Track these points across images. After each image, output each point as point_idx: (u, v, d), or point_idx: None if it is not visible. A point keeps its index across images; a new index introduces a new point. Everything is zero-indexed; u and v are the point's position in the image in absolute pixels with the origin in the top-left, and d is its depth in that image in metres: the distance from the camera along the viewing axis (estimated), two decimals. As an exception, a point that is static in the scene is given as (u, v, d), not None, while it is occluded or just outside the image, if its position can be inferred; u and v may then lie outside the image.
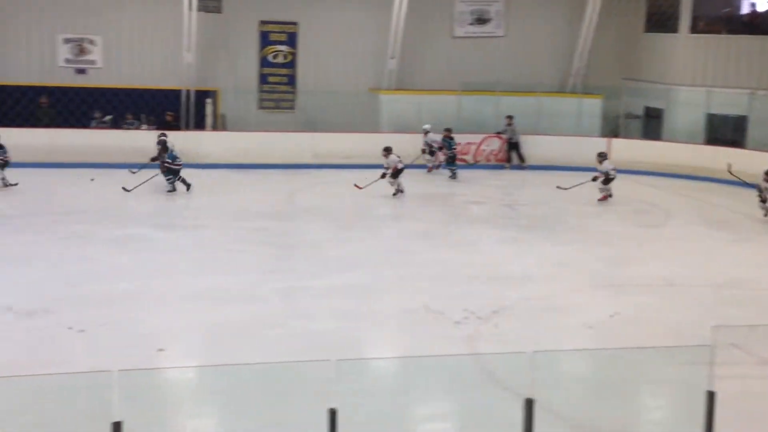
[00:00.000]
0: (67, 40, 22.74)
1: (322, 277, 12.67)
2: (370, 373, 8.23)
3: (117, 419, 5.85)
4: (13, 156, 18.35)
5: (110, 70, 23.08)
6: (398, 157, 18.59)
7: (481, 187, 20.71)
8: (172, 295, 11.58)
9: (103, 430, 6.01)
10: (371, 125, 23.53)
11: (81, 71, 22.93)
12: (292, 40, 24.20)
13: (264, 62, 24.13)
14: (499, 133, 23.26)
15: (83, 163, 20.51)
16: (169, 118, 22.71)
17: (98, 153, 21.10)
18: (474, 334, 10.54)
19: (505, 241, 15.48)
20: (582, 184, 18.92)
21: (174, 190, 18.50)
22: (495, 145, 23.37)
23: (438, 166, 22.04)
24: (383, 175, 18.52)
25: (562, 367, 8.88)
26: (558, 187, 19.33)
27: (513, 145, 23.17)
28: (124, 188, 18.16)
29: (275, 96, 24.28)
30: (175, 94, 23.08)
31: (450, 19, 25.16)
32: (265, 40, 24.07)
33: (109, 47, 23.02)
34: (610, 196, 18.80)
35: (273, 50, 24.13)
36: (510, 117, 23.16)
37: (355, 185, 18.41)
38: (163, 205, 17.36)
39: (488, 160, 23.37)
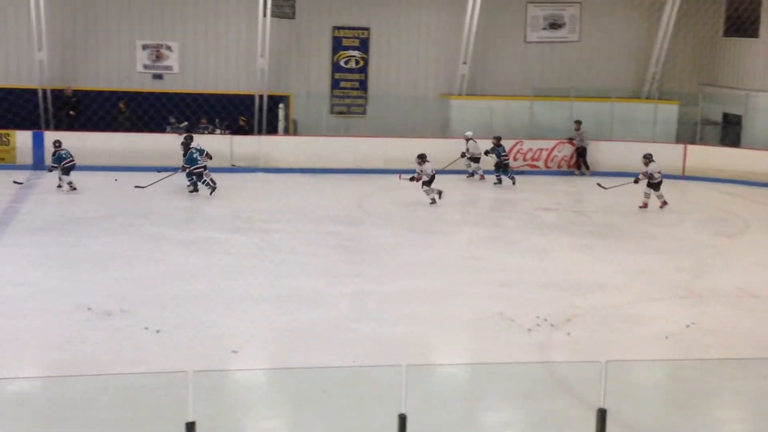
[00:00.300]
0: (145, 47, 23.23)
1: (392, 282, 12.67)
2: (440, 379, 8.18)
3: (191, 419, 5.92)
4: (92, 159, 18.81)
5: (186, 75, 23.49)
6: (432, 167, 18.39)
7: (552, 193, 20.49)
8: (244, 297, 11.71)
9: (177, 429, 6.09)
10: (442, 130, 23.50)
11: (158, 77, 23.40)
12: (364, 46, 24.32)
13: (336, 67, 24.29)
14: (570, 139, 23.00)
15: (159, 166, 20.87)
16: (241, 122, 23.02)
17: (173, 157, 21.46)
18: (546, 342, 10.42)
19: (578, 248, 15.28)
20: (623, 185, 18.60)
21: (194, 190, 18.63)
22: (567, 151, 23.11)
23: (473, 174, 21.68)
24: (411, 179, 18.35)
25: (635, 377, 8.70)
26: (598, 184, 19.10)
27: (581, 152, 22.87)
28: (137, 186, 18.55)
29: (347, 101, 24.42)
30: (248, 99, 23.37)
31: (523, 24, 24.97)
32: (337, 45, 24.23)
33: (185, 53, 23.43)
34: (666, 203, 18.31)
35: (345, 55, 24.28)
36: (578, 122, 22.89)
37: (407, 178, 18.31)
38: (236, 209, 17.57)
39: (560, 167, 23.13)
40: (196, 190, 18.67)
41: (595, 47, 25.06)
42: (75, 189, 18.45)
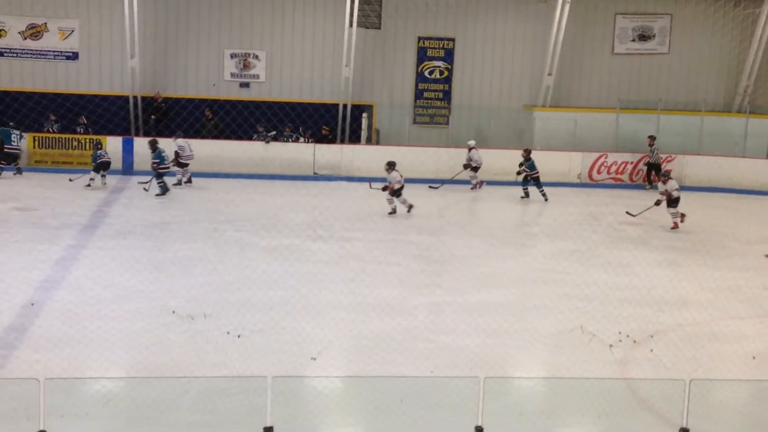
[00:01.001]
0: (233, 55, 23.69)
1: (471, 293, 12.60)
2: (517, 392, 8.11)
3: (269, 424, 6.00)
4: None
5: (272, 84, 23.88)
6: (400, 174, 18.26)
7: (637, 207, 20.09)
8: (323, 305, 11.78)
9: (256, 434, 6.18)
10: (525, 142, 23.33)
11: (245, 85, 23.82)
12: (449, 56, 24.32)
13: (420, 77, 24.36)
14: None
15: (244, 174, 21.30)
16: (324, 131, 23.27)
17: (258, 164, 21.87)
18: (628, 358, 10.22)
19: (662, 263, 14.96)
20: (649, 209, 18.01)
21: (162, 192, 19.05)
22: (653, 164, 22.67)
23: (479, 185, 21.41)
24: (384, 188, 18.27)
25: (720, 397, 8.46)
26: (627, 212, 18.50)
27: (653, 167, 22.33)
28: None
29: (430, 111, 24.46)
30: (332, 108, 23.63)
31: (611, 36, 24.65)
32: (422, 55, 24.30)
33: (272, 62, 23.81)
34: (684, 216, 17.75)
35: (429, 65, 24.32)
36: (652, 138, 22.39)
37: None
38: (317, 217, 17.73)
39: (644, 180, 22.69)
40: (163, 191, 19.09)
41: (685, 59, 24.57)
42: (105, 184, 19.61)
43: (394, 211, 18.23)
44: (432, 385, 7.91)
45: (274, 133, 22.81)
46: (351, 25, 22.74)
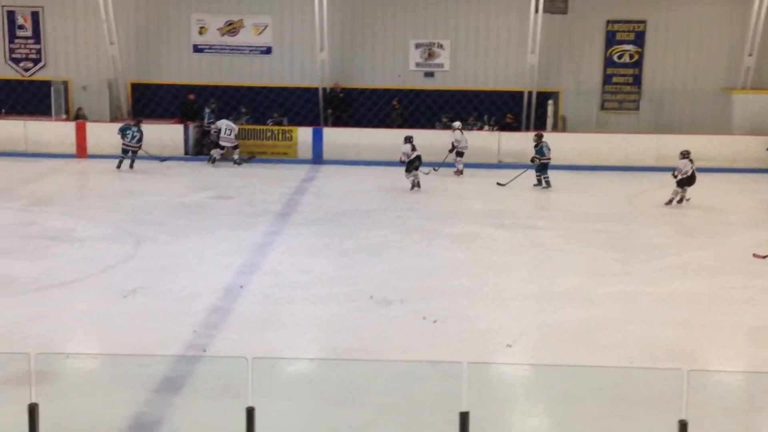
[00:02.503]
0: (418, 45, 23.94)
1: (663, 283, 12.19)
2: (719, 386, 7.77)
3: (464, 409, 6.05)
4: (367, 155, 19.66)
5: (456, 72, 23.94)
6: (411, 150, 18.57)
7: None
8: (509, 293, 11.74)
9: (449, 418, 6.24)
10: (722, 127, 22.27)
11: (429, 74, 24.02)
12: (639, 39, 23.55)
13: (609, 62, 23.73)
14: None
15: (429, 162, 21.46)
16: (509, 119, 23.11)
17: (442, 153, 21.97)
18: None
19: None
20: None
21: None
22: None
23: (461, 170, 20.78)
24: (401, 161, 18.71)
25: None
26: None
27: None
28: None
29: (618, 96, 23.78)
30: (516, 95, 23.43)
31: (817, 11, 23.08)
32: (611, 39, 23.66)
33: (457, 51, 23.87)
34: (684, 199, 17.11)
35: (619, 50, 23.64)
36: None
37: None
38: (501, 205, 17.67)
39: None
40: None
41: None
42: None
43: (413, 187, 18.71)
44: (629, 377, 7.71)
45: (459, 123, 22.77)
46: (537, 11, 22.44)
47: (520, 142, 22.10)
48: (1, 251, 13.40)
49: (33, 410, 6.11)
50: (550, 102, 23.04)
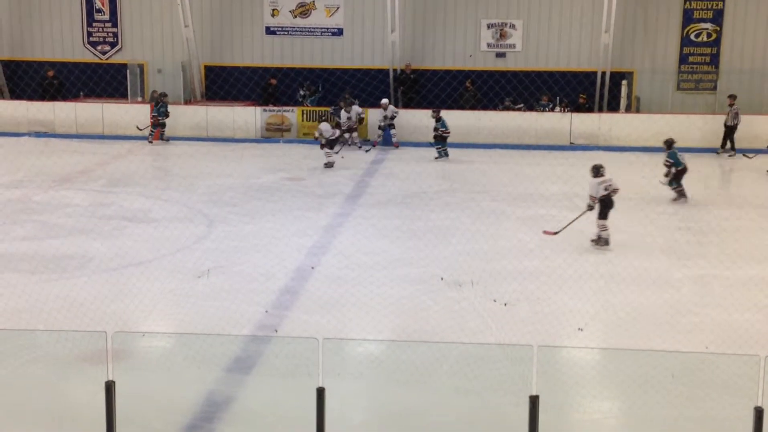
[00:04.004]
0: (490, 26, 23.70)
1: (740, 267, 11.92)
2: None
3: (534, 393, 6.01)
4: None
5: (528, 53, 23.64)
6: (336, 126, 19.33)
7: None
8: (582, 276, 11.59)
9: (520, 402, 6.21)
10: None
11: (501, 55, 23.77)
12: (718, 17, 22.91)
13: (685, 41, 23.15)
14: None
15: (500, 144, 21.36)
16: (581, 100, 22.76)
17: (514, 134, 21.82)
18: None
19: None
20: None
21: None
22: None
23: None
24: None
25: None
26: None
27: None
28: None
29: (695, 76, 23.21)
30: (589, 76, 23.05)
31: None
32: (688, 18, 23.06)
33: (529, 31, 23.57)
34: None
35: (696, 28, 23.04)
36: (732, 97, 20.79)
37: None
38: (574, 187, 17.41)
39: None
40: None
41: None
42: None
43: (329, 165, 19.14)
44: (703, 362, 7.56)
45: (522, 106, 22.52)
46: (612, -10, 22.02)
47: (592, 124, 21.78)
48: (80, 231, 13.75)
49: (110, 387, 6.27)
50: (624, 82, 22.60)
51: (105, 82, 24.35)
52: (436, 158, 20.36)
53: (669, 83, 23.14)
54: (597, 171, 13.36)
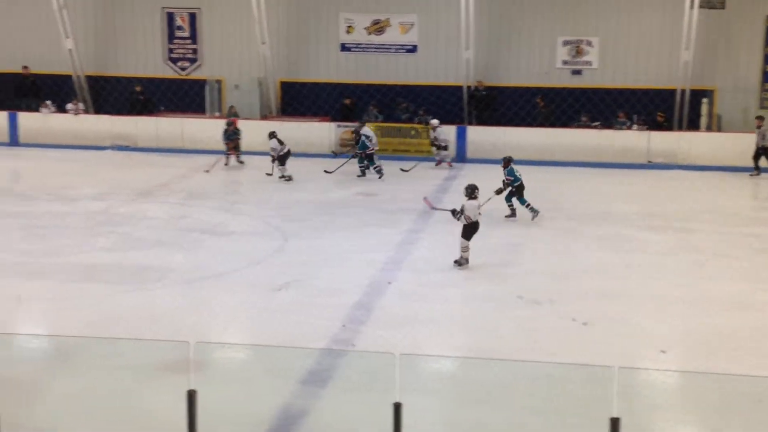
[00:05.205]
0: (566, 43, 23.51)
1: (825, 291, 11.55)
2: None
3: (615, 415, 5.90)
4: (510, 153, 19.38)
5: (604, 70, 23.38)
6: (278, 144, 19.07)
7: None
8: (662, 297, 11.37)
9: (598, 424, 6.10)
10: None
11: (576, 72, 23.56)
12: (802, 34, 22.37)
13: (768, 59, 22.65)
14: None
15: (575, 162, 21.13)
16: (659, 118, 22.39)
17: (589, 152, 21.57)
18: None
19: None
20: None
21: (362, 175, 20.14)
22: None
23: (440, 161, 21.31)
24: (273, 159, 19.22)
25: None
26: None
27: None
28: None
29: (778, 94, 22.67)
30: (667, 93, 22.68)
31: None
32: (771, 35, 22.57)
33: (606, 48, 23.30)
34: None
35: (780, 45, 22.53)
36: (760, 118, 19.97)
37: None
38: (651, 206, 17.13)
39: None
40: (363, 174, 19.99)
41: None
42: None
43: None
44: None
45: (598, 123, 22.23)
46: (692, 7, 21.63)
47: (671, 143, 21.42)
48: (159, 243, 14.02)
49: (191, 396, 6.36)
50: (705, 100, 22.18)
51: (184, 97, 24.86)
52: (359, 176, 20.10)
53: (751, 101, 22.62)
54: (472, 192, 12.72)
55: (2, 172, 20.78)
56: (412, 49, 24.19)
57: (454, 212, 12.73)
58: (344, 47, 24.47)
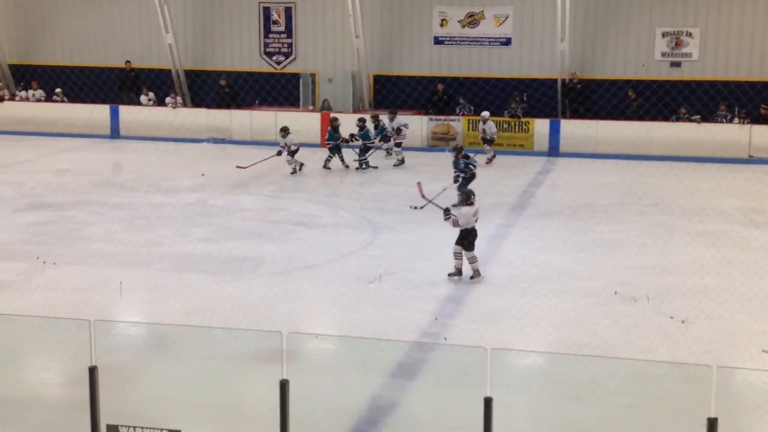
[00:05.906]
0: (665, 34, 22.93)
1: None
2: None
3: (713, 415, 5.76)
4: (604, 147, 19.16)
5: (705, 62, 22.72)
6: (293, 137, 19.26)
7: None
8: (764, 296, 11.00)
9: (694, 424, 5.96)
10: None
11: (676, 64, 22.96)
12: None
13: None
14: None
15: (673, 156, 20.65)
16: (762, 111, 21.65)
17: (688, 146, 21.02)
18: None
19: None
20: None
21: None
22: None
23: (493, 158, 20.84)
24: (279, 153, 19.30)
25: None
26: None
27: None
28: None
29: None
30: (771, 85, 21.94)
31: None
32: None
33: (707, 39, 22.63)
34: None
35: None
36: None
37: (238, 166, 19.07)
38: (752, 202, 16.59)
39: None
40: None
41: None
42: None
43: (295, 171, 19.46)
44: None
45: (699, 117, 21.61)
46: (798, -6, 20.89)
47: (773, 135, 20.73)
48: (252, 234, 14.28)
49: (284, 386, 6.46)
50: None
51: (278, 90, 25.20)
52: (358, 169, 20.08)
53: None
54: (468, 198, 11.98)
55: (104, 164, 21.46)
56: (506, 42, 23.96)
57: (446, 211, 12.10)
58: (437, 40, 24.40)
